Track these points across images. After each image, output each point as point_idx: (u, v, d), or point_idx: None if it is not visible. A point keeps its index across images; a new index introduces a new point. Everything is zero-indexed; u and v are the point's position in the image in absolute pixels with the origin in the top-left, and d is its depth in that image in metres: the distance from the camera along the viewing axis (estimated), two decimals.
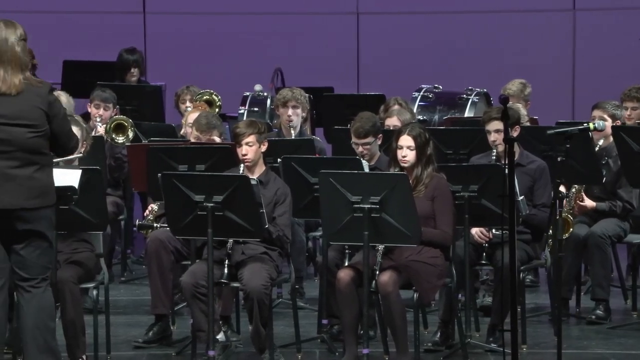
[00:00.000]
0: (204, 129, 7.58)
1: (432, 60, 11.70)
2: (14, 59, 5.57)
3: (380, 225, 6.33)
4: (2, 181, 5.55)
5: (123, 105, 9.25)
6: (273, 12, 11.94)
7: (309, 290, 8.32)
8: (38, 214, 5.61)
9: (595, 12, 11.86)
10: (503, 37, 11.82)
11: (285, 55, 11.44)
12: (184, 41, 11.90)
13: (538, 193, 7.21)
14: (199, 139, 7.56)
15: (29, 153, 5.58)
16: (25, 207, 5.56)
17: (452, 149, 7.80)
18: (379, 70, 11.79)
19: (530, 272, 8.52)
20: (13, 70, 5.56)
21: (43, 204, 5.61)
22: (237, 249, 6.67)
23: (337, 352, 6.90)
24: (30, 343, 5.66)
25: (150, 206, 7.48)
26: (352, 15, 12.06)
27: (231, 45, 11.85)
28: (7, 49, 5.56)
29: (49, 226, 5.67)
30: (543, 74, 11.33)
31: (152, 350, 7.03)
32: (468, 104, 9.47)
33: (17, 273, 5.66)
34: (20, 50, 5.59)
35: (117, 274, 8.96)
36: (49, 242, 5.68)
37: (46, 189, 5.64)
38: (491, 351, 6.92)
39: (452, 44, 11.81)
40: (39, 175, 5.60)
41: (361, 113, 7.45)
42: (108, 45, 10.90)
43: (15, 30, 5.62)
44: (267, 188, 6.75)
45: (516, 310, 5.64)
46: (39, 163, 5.60)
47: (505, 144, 5.63)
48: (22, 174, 5.57)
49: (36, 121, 5.59)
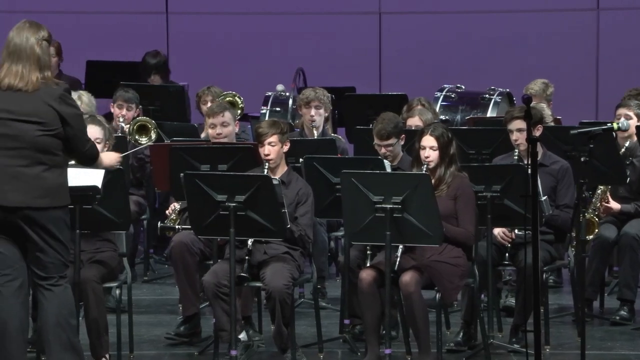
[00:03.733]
0: (216, 110, 7.62)
1: (455, 60, 11.68)
2: (32, 57, 5.60)
3: (402, 225, 6.32)
4: (9, 179, 5.56)
5: (146, 106, 9.27)
6: (295, 12, 11.95)
7: (331, 290, 8.32)
8: (48, 214, 5.60)
9: (619, 11, 11.80)
10: (526, 37, 11.79)
11: (307, 55, 11.44)
12: (207, 41, 11.92)
13: (561, 194, 7.18)
14: (214, 127, 7.57)
15: (37, 152, 5.59)
16: (31, 206, 5.56)
17: (474, 149, 7.78)
18: (401, 70, 11.77)
19: (553, 273, 8.49)
20: (31, 68, 5.59)
21: (52, 204, 5.60)
22: (259, 249, 6.68)
23: (359, 352, 6.89)
24: (52, 341, 5.68)
25: (172, 205, 7.50)
26: (374, 15, 12.05)
27: (253, 45, 11.87)
28: (26, 47, 5.60)
29: (62, 227, 5.66)
30: (567, 74, 11.29)
31: (174, 350, 7.05)
32: (491, 104, 9.44)
33: (34, 272, 5.68)
34: (40, 51, 5.62)
35: (139, 273, 8.99)
36: (62, 242, 5.68)
37: (56, 189, 5.62)
38: (514, 352, 6.90)
39: (474, 44, 11.78)
40: (48, 175, 5.60)
41: (383, 114, 7.44)
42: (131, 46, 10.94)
43: (37, 31, 5.66)
44: (289, 188, 6.75)
45: (539, 311, 5.61)
46: (47, 163, 5.60)
47: (528, 144, 5.61)
48: (29, 173, 5.57)
49: (46, 119, 5.60)
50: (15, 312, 5.63)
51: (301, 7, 11.95)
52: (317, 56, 11.58)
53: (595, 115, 11.28)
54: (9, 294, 5.64)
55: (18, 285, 5.66)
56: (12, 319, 5.63)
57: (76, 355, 5.70)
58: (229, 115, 7.65)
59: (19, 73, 5.58)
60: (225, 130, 7.61)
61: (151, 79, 10.14)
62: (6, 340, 5.63)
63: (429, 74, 11.36)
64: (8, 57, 5.61)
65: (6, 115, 5.58)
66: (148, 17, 11.97)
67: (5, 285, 5.64)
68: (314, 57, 11.48)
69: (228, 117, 7.63)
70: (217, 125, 7.60)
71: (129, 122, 8.68)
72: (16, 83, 5.58)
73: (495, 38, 11.80)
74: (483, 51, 11.76)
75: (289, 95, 9.76)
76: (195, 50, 11.83)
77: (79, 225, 6.22)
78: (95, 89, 9.46)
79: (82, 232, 6.32)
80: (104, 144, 6.86)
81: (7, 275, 5.65)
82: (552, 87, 9.23)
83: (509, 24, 11.86)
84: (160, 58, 10.24)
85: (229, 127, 7.63)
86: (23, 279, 5.69)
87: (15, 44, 5.61)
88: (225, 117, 7.62)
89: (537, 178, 5.69)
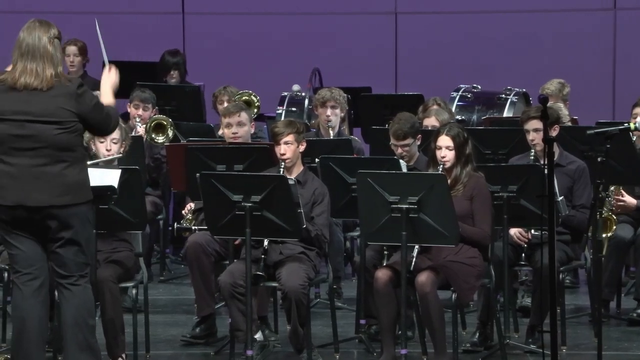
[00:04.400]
0: (233, 110, 7.63)
1: (471, 60, 11.66)
2: (46, 55, 5.63)
3: (418, 225, 6.31)
4: (32, 179, 5.59)
5: (162, 106, 9.28)
6: (311, 12, 11.95)
7: (347, 290, 8.32)
8: (70, 211, 5.63)
9: (636, 11, 11.76)
10: (543, 37, 11.76)
11: (323, 55, 11.44)
12: (223, 41, 11.93)
13: (577, 194, 7.17)
14: (230, 126, 7.58)
15: (57, 150, 5.62)
16: (55, 204, 5.59)
17: (490, 149, 7.77)
18: (417, 70, 11.76)
19: (569, 273, 8.46)
20: (45, 65, 5.62)
21: (74, 201, 5.63)
22: (275, 249, 6.68)
23: (375, 353, 6.89)
24: (70, 340, 5.70)
25: (188, 205, 7.51)
26: (390, 15, 12.04)
27: (269, 45, 11.87)
28: (39, 46, 5.63)
29: (84, 223, 5.68)
30: (583, 74, 11.26)
31: (190, 350, 7.06)
32: (507, 104, 9.43)
33: (56, 271, 5.70)
34: (52, 49, 5.65)
35: (155, 273, 9.00)
36: (84, 240, 5.71)
37: (77, 185, 5.65)
38: (530, 352, 6.88)
39: (491, 44, 11.76)
40: (69, 172, 5.63)
41: (399, 114, 7.44)
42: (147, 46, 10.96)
43: (48, 29, 5.69)
44: (305, 188, 6.75)
45: (556, 311, 5.60)
46: (68, 160, 5.63)
47: (545, 144, 5.60)
48: (51, 171, 5.60)
49: (63, 118, 5.62)
50: (35, 312, 5.65)
51: (317, 8, 11.95)
52: (333, 56, 11.58)
53: (612, 115, 11.24)
54: (29, 293, 5.66)
55: (38, 284, 5.68)
56: (31, 318, 5.65)
57: (93, 355, 5.72)
58: (245, 115, 7.66)
59: (34, 71, 5.61)
60: (241, 130, 7.61)
61: (170, 74, 10.15)
62: (24, 339, 5.66)
63: (445, 74, 11.35)
64: (21, 57, 5.64)
65: (24, 117, 5.61)
66: (164, 18, 11.99)
67: (26, 284, 5.67)
68: (330, 57, 11.47)
69: (244, 117, 7.65)
70: (233, 125, 7.61)
71: (145, 122, 8.70)
72: (32, 81, 5.61)
73: (511, 38, 11.78)
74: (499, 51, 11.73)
75: (304, 96, 9.76)
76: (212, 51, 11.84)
77: (95, 225, 6.23)
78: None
79: (99, 232, 6.34)
80: (120, 144, 6.88)
81: (28, 274, 5.67)
82: (569, 87, 9.21)
83: (526, 23, 11.83)
84: (180, 57, 10.26)
85: (245, 127, 7.64)
86: (44, 278, 5.71)
87: (27, 43, 5.64)
88: (242, 117, 7.63)
89: (553, 178, 5.68)
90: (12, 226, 5.64)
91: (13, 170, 5.59)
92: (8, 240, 5.67)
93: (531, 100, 9.51)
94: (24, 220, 5.63)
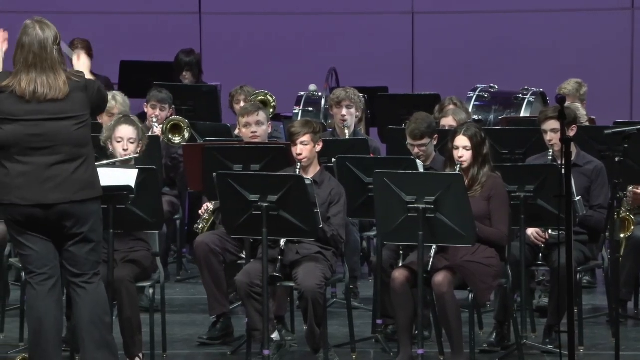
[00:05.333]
0: (251, 109, 7.63)
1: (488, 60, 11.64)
2: (54, 64, 5.60)
3: (435, 225, 6.30)
4: (48, 177, 5.61)
5: (179, 106, 9.30)
6: (328, 12, 11.95)
7: (364, 290, 8.31)
8: (86, 207, 5.65)
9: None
10: (560, 36, 11.73)
11: (340, 55, 11.44)
12: (239, 41, 11.94)
13: (595, 194, 7.14)
14: (248, 126, 7.58)
15: (74, 146, 5.64)
16: (72, 200, 5.60)
17: (508, 149, 7.76)
18: (433, 70, 11.74)
19: (587, 273, 8.44)
20: (57, 75, 5.61)
21: (90, 196, 5.65)
22: (291, 249, 6.68)
23: (391, 353, 6.89)
24: (86, 338, 5.71)
25: (205, 205, 7.52)
26: (407, 14, 12.03)
27: (286, 45, 11.88)
28: (47, 57, 5.59)
29: (97, 221, 5.70)
30: (601, 73, 11.22)
31: (207, 349, 7.07)
32: (524, 104, 9.40)
33: (68, 270, 5.72)
34: (57, 54, 5.64)
35: (172, 272, 9.02)
36: (98, 237, 5.72)
37: (91, 181, 5.68)
38: (548, 352, 6.87)
39: (508, 43, 11.73)
40: (83, 168, 5.65)
41: (416, 114, 7.43)
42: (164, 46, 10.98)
43: (51, 34, 5.63)
44: (321, 188, 6.75)
45: (573, 312, 5.58)
46: (83, 156, 5.65)
47: (562, 143, 5.58)
48: (67, 169, 5.62)
49: (79, 112, 5.65)
50: (50, 310, 5.67)
51: (334, 7, 11.95)
52: (350, 56, 11.58)
53: (629, 115, 11.21)
54: (43, 292, 5.68)
55: (52, 284, 5.70)
56: (47, 317, 5.67)
57: (110, 353, 5.73)
58: (263, 115, 7.67)
59: (45, 84, 5.58)
60: (260, 130, 7.62)
61: (183, 75, 10.17)
62: (42, 338, 5.67)
63: (462, 73, 11.33)
64: (28, 67, 5.56)
65: (39, 116, 5.62)
66: (181, 18, 12.01)
67: (41, 284, 5.68)
68: (347, 57, 11.47)
69: (262, 116, 7.65)
70: (252, 124, 7.61)
71: (162, 122, 8.71)
72: (45, 92, 5.59)
73: (528, 38, 11.75)
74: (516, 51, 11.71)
75: (321, 95, 9.76)
76: (228, 51, 11.86)
77: (112, 224, 6.25)
78: (129, 89, 9.50)
79: (116, 232, 6.35)
80: (137, 143, 6.90)
81: (42, 274, 5.69)
82: (586, 87, 9.18)
83: (543, 23, 11.80)
84: (194, 57, 10.27)
85: (263, 126, 7.64)
86: (57, 278, 5.73)
87: (35, 53, 5.57)
88: (260, 117, 7.63)
89: (571, 178, 5.66)
90: (25, 227, 5.66)
91: (29, 169, 5.60)
92: (20, 241, 5.68)
93: (548, 100, 9.49)
94: (38, 220, 5.65)
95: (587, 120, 8.29)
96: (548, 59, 11.56)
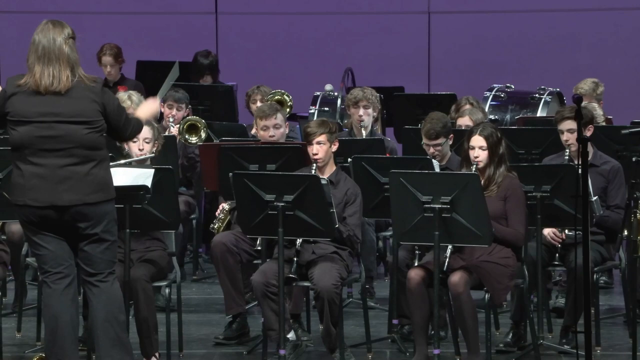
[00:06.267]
0: (269, 112, 7.64)
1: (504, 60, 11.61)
2: (62, 57, 5.64)
3: (451, 225, 6.30)
4: (62, 179, 5.63)
5: (195, 105, 9.31)
6: (344, 12, 11.95)
7: (380, 290, 8.31)
8: (100, 209, 5.67)
9: None
10: (577, 36, 11.69)
11: (356, 55, 11.44)
12: (256, 41, 11.95)
13: (612, 194, 7.12)
14: (266, 129, 7.59)
15: (86, 149, 5.66)
16: (86, 202, 5.62)
17: (524, 148, 7.74)
18: (449, 70, 11.73)
19: (604, 274, 8.41)
20: (62, 68, 5.64)
21: (103, 198, 5.67)
22: (307, 249, 6.68)
23: (407, 352, 6.88)
24: (101, 337, 5.73)
25: (221, 205, 7.53)
26: (424, 14, 12.02)
27: (302, 45, 11.88)
28: (54, 48, 5.65)
29: (112, 222, 5.73)
30: (618, 73, 11.18)
31: (223, 349, 7.08)
32: (540, 104, 9.38)
33: (83, 269, 5.74)
34: (68, 49, 5.67)
35: (188, 272, 9.03)
36: (112, 237, 5.74)
37: (105, 183, 5.71)
38: (564, 353, 6.85)
39: (523, 43, 11.71)
40: (97, 170, 5.67)
41: (431, 114, 7.42)
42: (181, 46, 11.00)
43: (62, 30, 5.70)
44: (337, 188, 6.75)
45: (590, 312, 5.57)
46: (96, 159, 5.68)
47: (579, 143, 5.56)
48: (81, 171, 5.64)
49: (92, 117, 5.67)
50: (66, 308, 5.70)
51: (350, 7, 11.94)
52: (366, 56, 11.57)
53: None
54: (59, 291, 5.71)
55: (68, 282, 5.73)
56: (63, 315, 5.70)
57: (125, 351, 5.74)
58: (281, 116, 7.68)
59: (51, 75, 5.63)
60: (277, 133, 7.63)
61: (204, 78, 10.19)
62: (58, 336, 5.70)
63: (478, 73, 11.31)
64: (38, 61, 5.65)
65: (53, 118, 5.65)
66: (198, 17, 12.03)
67: (56, 282, 5.71)
68: (363, 57, 11.47)
69: (280, 119, 7.66)
70: (270, 128, 7.62)
71: (179, 122, 8.73)
72: (51, 84, 5.63)
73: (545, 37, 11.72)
74: (532, 50, 11.68)
75: (337, 95, 9.75)
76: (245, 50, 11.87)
77: (129, 224, 6.27)
78: (146, 89, 9.51)
79: (132, 232, 6.37)
80: (153, 143, 6.91)
81: (58, 274, 5.72)
82: (603, 87, 9.14)
83: (560, 23, 11.77)
84: (213, 58, 10.28)
85: (281, 129, 7.66)
86: (72, 277, 5.76)
87: (43, 47, 5.64)
88: (278, 119, 7.64)
89: (587, 178, 5.65)
90: (39, 227, 5.69)
91: (42, 171, 5.63)
92: (35, 241, 5.71)
93: (565, 100, 9.46)
94: (52, 220, 5.67)
95: (604, 120, 8.26)
96: (565, 59, 11.54)
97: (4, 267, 6.62)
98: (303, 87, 10.14)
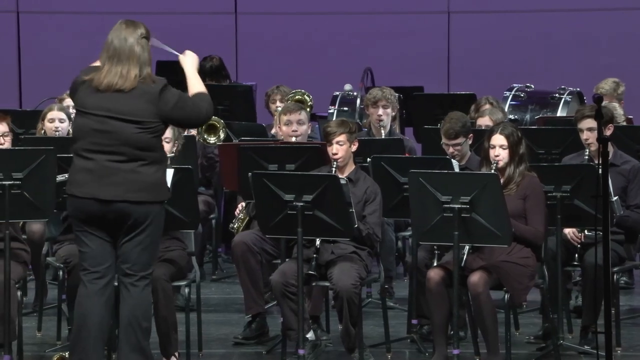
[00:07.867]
0: (293, 108, 7.67)
1: (524, 59, 11.59)
2: (132, 57, 5.70)
3: (470, 225, 6.28)
4: (107, 174, 5.67)
5: (214, 105, 9.28)
6: (363, 12, 11.95)
7: (399, 290, 8.30)
8: (143, 209, 5.69)
9: None
10: (598, 35, 11.65)
11: (375, 55, 11.43)
12: (275, 41, 11.97)
13: (632, 194, 7.09)
14: (289, 124, 7.60)
15: (135, 148, 5.69)
16: (127, 199, 5.65)
17: (544, 148, 7.72)
18: (469, 69, 11.71)
19: (624, 274, 8.38)
20: (130, 67, 5.70)
21: (147, 199, 5.68)
22: (326, 249, 6.68)
23: (427, 353, 6.87)
24: (123, 340, 5.76)
25: (240, 205, 7.53)
26: (443, 14, 12.01)
27: (321, 45, 11.89)
28: (125, 47, 5.71)
29: (155, 224, 5.73)
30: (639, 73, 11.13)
31: (243, 349, 7.08)
32: (560, 103, 9.35)
33: (119, 267, 5.77)
34: (139, 49, 5.73)
35: (208, 272, 9.04)
36: (152, 239, 5.74)
37: (152, 184, 5.71)
38: (585, 353, 6.82)
39: (544, 43, 11.68)
40: (144, 170, 5.69)
41: (451, 113, 7.41)
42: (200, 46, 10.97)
43: (135, 30, 5.77)
44: (357, 186, 6.75)
45: (610, 312, 5.54)
46: (145, 159, 5.70)
47: (599, 143, 5.54)
48: (125, 168, 5.67)
49: (143, 118, 5.70)
50: (97, 309, 5.71)
51: (369, 7, 11.94)
52: (385, 56, 11.57)
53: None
54: (93, 291, 5.73)
55: (104, 283, 5.75)
56: (92, 315, 5.71)
57: (144, 357, 5.75)
58: (305, 115, 7.72)
59: (118, 73, 5.69)
60: (300, 129, 7.65)
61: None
62: (83, 333, 5.71)
63: (497, 73, 11.29)
64: (109, 60, 5.72)
65: (105, 113, 5.69)
66: (217, 18, 12.05)
67: (92, 282, 5.73)
68: (382, 57, 11.46)
69: (304, 116, 7.69)
70: (294, 122, 7.64)
71: None
72: (115, 82, 5.68)
73: (565, 37, 11.69)
74: (553, 50, 11.65)
75: (356, 95, 9.75)
76: (264, 50, 11.88)
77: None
78: None
79: None
80: (173, 143, 6.92)
81: (95, 273, 5.74)
82: (623, 86, 9.11)
83: (580, 22, 11.73)
84: (213, 62, 10.22)
85: (304, 125, 7.68)
86: (110, 278, 5.77)
87: (115, 47, 5.72)
88: (302, 116, 7.67)
89: (607, 178, 5.62)
90: (86, 224, 5.72)
91: (91, 165, 5.69)
92: (80, 237, 5.76)
93: (585, 100, 9.43)
94: (97, 217, 5.69)
95: (624, 119, 8.23)
96: (585, 58, 11.50)
97: (24, 266, 6.64)
98: (322, 86, 10.14)
